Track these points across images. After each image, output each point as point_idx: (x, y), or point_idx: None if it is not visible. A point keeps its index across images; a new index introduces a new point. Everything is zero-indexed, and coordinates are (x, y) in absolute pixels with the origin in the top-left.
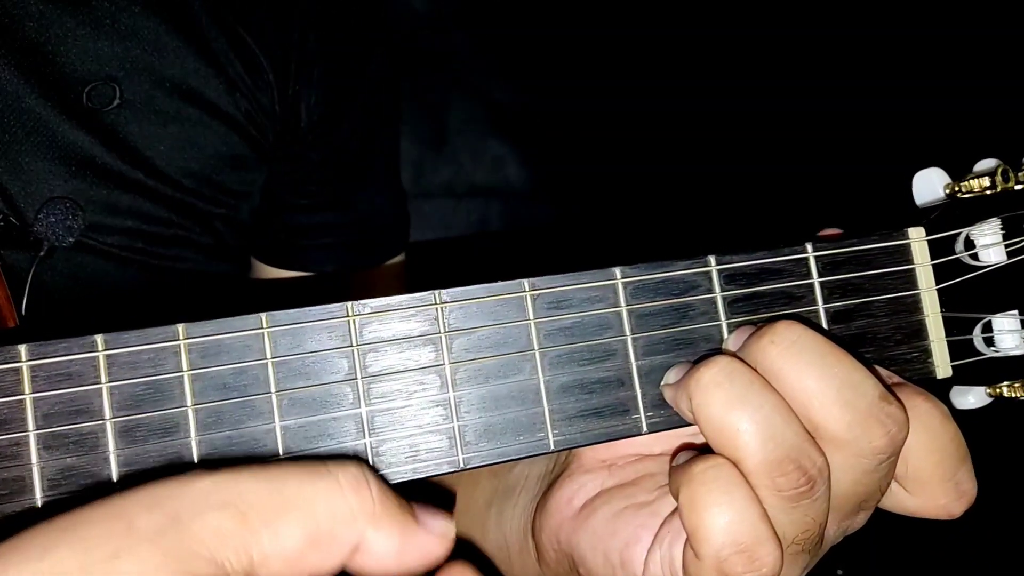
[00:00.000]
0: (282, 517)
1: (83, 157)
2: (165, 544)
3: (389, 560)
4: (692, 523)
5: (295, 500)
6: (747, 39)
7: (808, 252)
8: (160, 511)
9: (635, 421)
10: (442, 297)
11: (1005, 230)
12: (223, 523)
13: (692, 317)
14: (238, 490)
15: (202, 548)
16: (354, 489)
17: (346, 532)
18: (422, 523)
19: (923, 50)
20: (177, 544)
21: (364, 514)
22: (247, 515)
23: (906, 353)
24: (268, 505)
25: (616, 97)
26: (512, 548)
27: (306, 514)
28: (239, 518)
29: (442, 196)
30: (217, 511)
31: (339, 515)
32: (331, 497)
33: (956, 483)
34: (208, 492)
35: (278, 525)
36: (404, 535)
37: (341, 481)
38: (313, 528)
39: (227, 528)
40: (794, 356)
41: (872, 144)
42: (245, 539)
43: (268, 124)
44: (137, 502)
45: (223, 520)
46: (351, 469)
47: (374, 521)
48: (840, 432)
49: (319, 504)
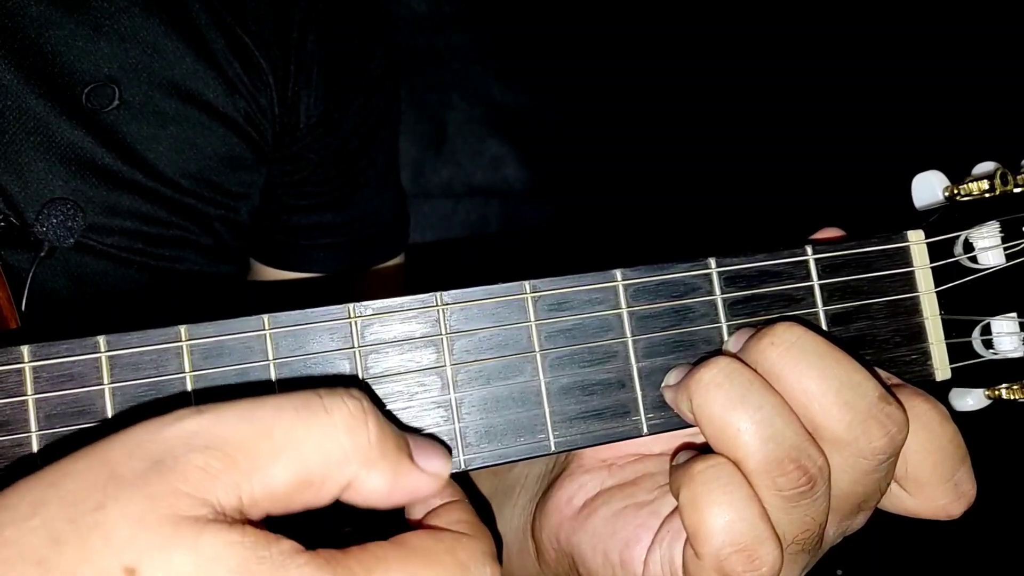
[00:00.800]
0: (272, 460)
1: (83, 158)
2: (149, 488)
3: (378, 497)
4: (692, 522)
5: (286, 442)
6: (747, 40)
7: (808, 255)
8: (142, 455)
9: (635, 423)
10: (443, 299)
11: (1004, 233)
12: (210, 463)
13: (692, 319)
14: (224, 432)
15: (188, 488)
16: (350, 429)
17: (338, 474)
18: (417, 461)
19: (922, 53)
20: (162, 486)
21: (358, 456)
22: (235, 458)
23: (905, 355)
24: (257, 448)
25: (616, 97)
26: (512, 548)
27: (297, 458)
28: (226, 460)
29: (441, 196)
30: (202, 452)
31: (332, 458)
32: (324, 439)
33: (955, 484)
34: (192, 434)
35: (268, 470)
36: (396, 476)
37: (336, 419)
38: (304, 472)
39: (214, 469)
40: (794, 357)
41: (871, 147)
42: (234, 480)
43: (267, 125)
44: (119, 448)
45: (209, 460)
46: (348, 405)
47: (368, 463)
48: (840, 432)
49: (311, 447)
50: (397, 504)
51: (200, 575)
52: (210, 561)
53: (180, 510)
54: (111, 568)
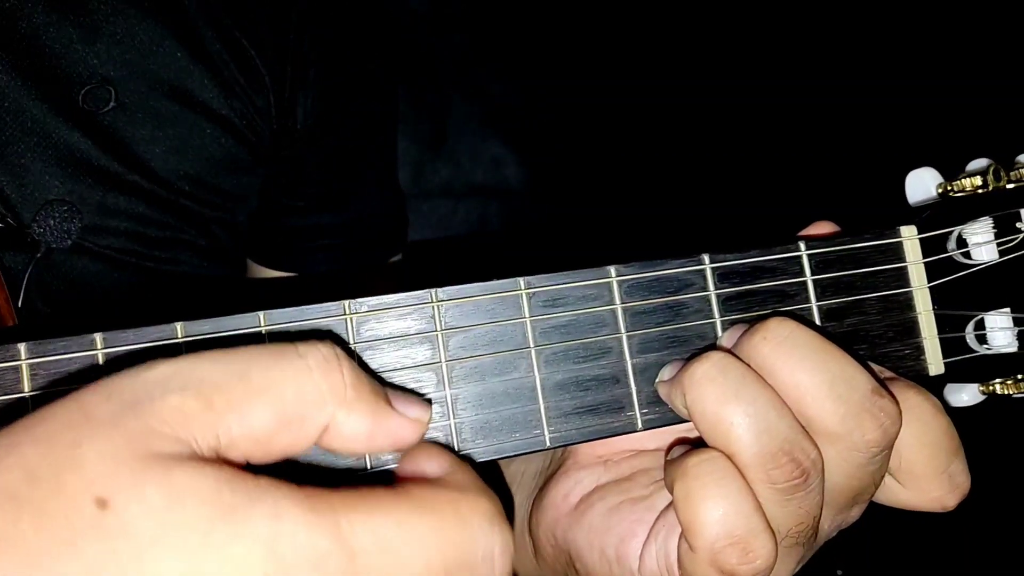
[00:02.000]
0: (249, 401)
1: (80, 159)
2: (125, 427)
3: (359, 442)
4: (686, 516)
5: (262, 384)
6: (744, 39)
7: (801, 250)
8: (118, 397)
9: (630, 418)
10: (438, 295)
11: (997, 229)
12: (185, 403)
13: (686, 315)
14: (200, 375)
15: (164, 427)
16: (324, 371)
17: (316, 414)
18: (396, 407)
19: (916, 50)
20: (137, 425)
21: (334, 397)
22: (211, 399)
23: (899, 350)
24: (234, 390)
25: (615, 98)
26: None
27: (274, 398)
28: (203, 401)
29: (441, 196)
30: (178, 393)
31: (308, 398)
32: (300, 380)
33: (950, 475)
34: (168, 376)
35: (245, 409)
36: (376, 418)
37: (311, 363)
38: (281, 411)
39: (190, 408)
40: (787, 352)
41: (865, 143)
42: (211, 421)
43: (264, 126)
44: (95, 393)
45: (185, 400)
46: (321, 350)
47: (345, 404)
48: (833, 426)
49: (287, 387)
50: (380, 450)
51: (172, 506)
52: (182, 492)
53: (155, 448)
54: (83, 502)
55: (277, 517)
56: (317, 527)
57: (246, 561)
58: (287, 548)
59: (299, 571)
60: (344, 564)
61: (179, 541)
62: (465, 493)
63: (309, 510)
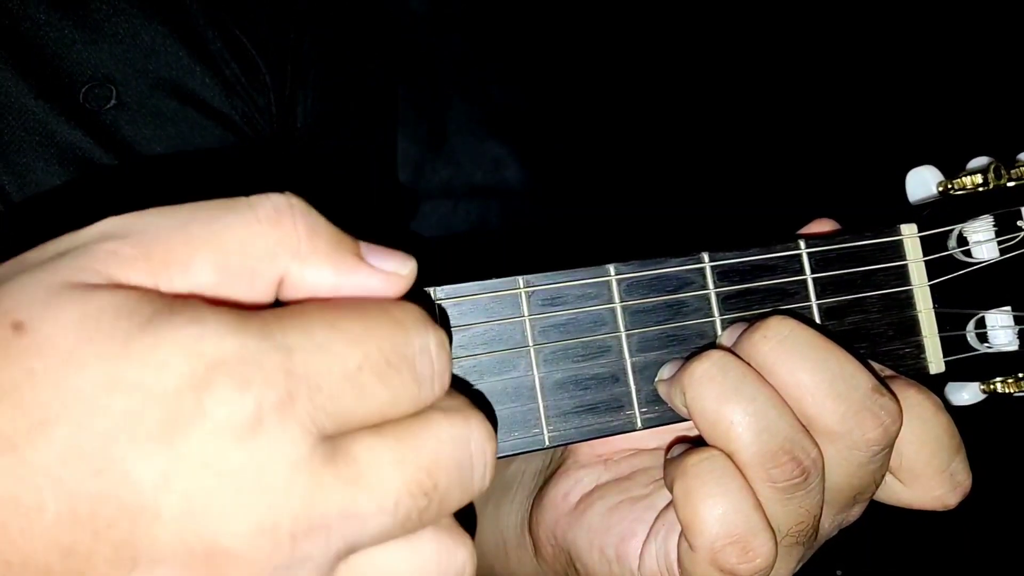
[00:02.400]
0: (190, 254)
1: (81, 157)
2: (53, 265)
3: (322, 295)
4: (686, 515)
5: (203, 236)
6: (743, 38)
7: (801, 249)
8: (54, 247)
9: (630, 417)
10: (437, 294)
11: (998, 227)
12: (121, 249)
13: (686, 313)
14: (139, 225)
15: (96, 264)
16: (273, 223)
17: (265, 267)
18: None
19: (916, 47)
20: (66, 262)
21: (285, 250)
22: (151, 250)
23: (899, 349)
24: (174, 241)
25: (616, 98)
26: (509, 543)
27: (215, 250)
28: (140, 248)
29: (441, 197)
30: (115, 240)
31: (255, 251)
32: (245, 232)
33: (951, 474)
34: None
35: (187, 262)
36: (339, 271)
37: (259, 215)
38: (224, 264)
39: (126, 254)
40: (787, 350)
41: (866, 142)
42: (149, 270)
43: (265, 125)
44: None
45: (121, 247)
46: (272, 200)
47: (298, 257)
48: (834, 424)
49: (230, 240)
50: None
51: (88, 321)
52: (100, 309)
53: (79, 279)
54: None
55: (200, 322)
56: (245, 329)
57: (168, 365)
58: (212, 348)
59: (228, 369)
60: (279, 360)
61: (96, 353)
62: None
63: (235, 316)
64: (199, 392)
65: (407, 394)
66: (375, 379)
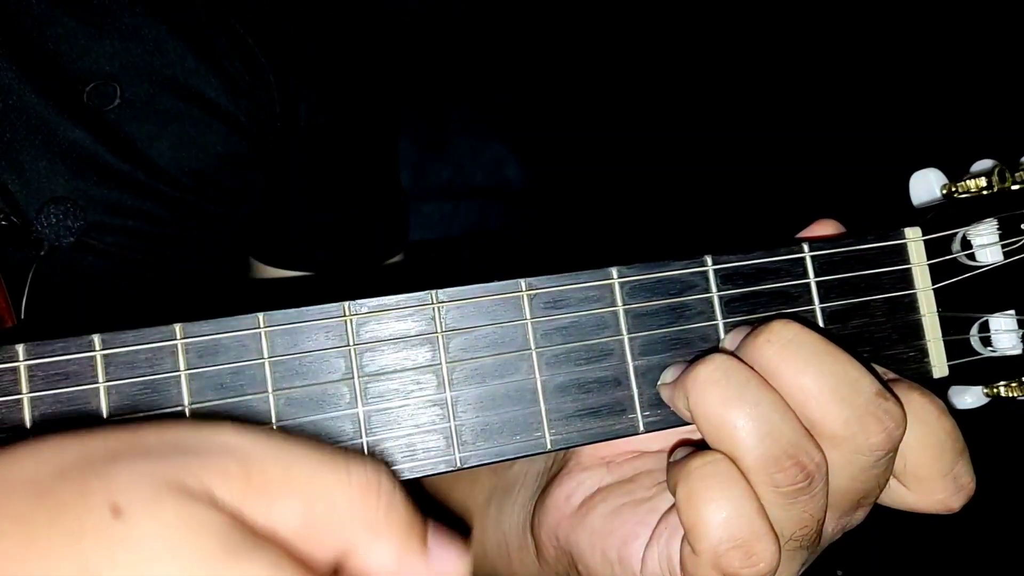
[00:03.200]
0: (284, 491)
1: (84, 156)
2: (164, 459)
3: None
4: (689, 518)
5: (301, 481)
6: (744, 39)
7: (805, 252)
8: (171, 438)
9: (632, 420)
10: (439, 297)
11: (1002, 230)
12: (228, 466)
13: (689, 317)
14: (251, 450)
15: (201, 472)
16: (362, 490)
17: (339, 532)
18: (430, 548)
19: (921, 50)
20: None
21: (364, 520)
22: (251, 475)
23: (903, 352)
24: (274, 475)
25: (615, 98)
26: (511, 545)
27: (306, 497)
28: (243, 470)
29: (442, 197)
30: (225, 455)
31: (337, 513)
32: (336, 491)
33: (954, 477)
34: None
35: (277, 499)
36: (403, 555)
37: (352, 479)
38: (308, 513)
39: (231, 471)
40: (790, 354)
41: (869, 144)
42: (242, 491)
43: (268, 123)
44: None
45: (228, 463)
46: (367, 470)
47: (372, 530)
48: (837, 429)
49: (322, 493)
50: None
51: (182, 531)
52: (196, 522)
53: (183, 481)
54: (99, 506)
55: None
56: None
57: None
58: None
59: None
60: None
61: (180, 565)
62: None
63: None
64: None
65: None
66: None
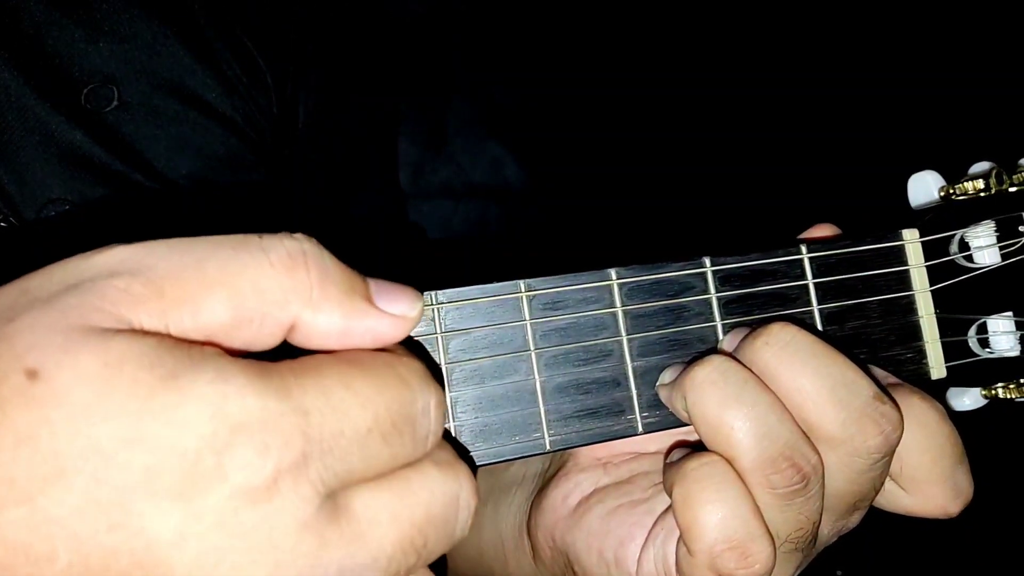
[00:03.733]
0: (203, 295)
1: (82, 158)
2: (62, 302)
3: (333, 339)
4: (685, 520)
5: (219, 277)
6: (746, 41)
7: (802, 254)
8: (60, 276)
9: (630, 421)
10: (438, 298)
11: (999, 232)
12: (132, 287)
13: (687, 318)
14: (152, 262)
15: (106, 304)
16: (287, 268)
17: (278, 312)
18: (377, 303)
19: (918, 51)
20: (76, 301)
21: (298, 296)
22: (162, 287)
23: (900, 354)
24: (188, 280)
25: (616, 99)
26: (507, 545)
27: (230, 293)
28: (152, 287)
29: (441, 197)
30: (126, 276)
31: (268, 296)
32: (259, 275)
33: (953, 482)
34: (118, 262)
35: (199, 302)
36: (348, 316)
37: (273, 258)
38: (237, 307)
39: (137, 292)
40: (788, 356)
41: (867, 146)
42: (160, 308)
43: (266, 125)
44: (39, 275)
45: (132, 284)
46: (286, 244)
47: (309, 303)
48: (834, 431)
49: (245, 283)
50: (358, 346)
51: (109, 372)
52: (120, 358)
53: (92, 321)
54: (11, 371)
55: (224, 380)
56: (266, 389)
57: (191, 424)
58: (235, 409)
59: (250, 432)
60: (298, 423)
61: (117, 406)
62: (400, 356)
63: (257, 375)
64: (220, 454)
65: (406, 452)
66: (381, 440)
